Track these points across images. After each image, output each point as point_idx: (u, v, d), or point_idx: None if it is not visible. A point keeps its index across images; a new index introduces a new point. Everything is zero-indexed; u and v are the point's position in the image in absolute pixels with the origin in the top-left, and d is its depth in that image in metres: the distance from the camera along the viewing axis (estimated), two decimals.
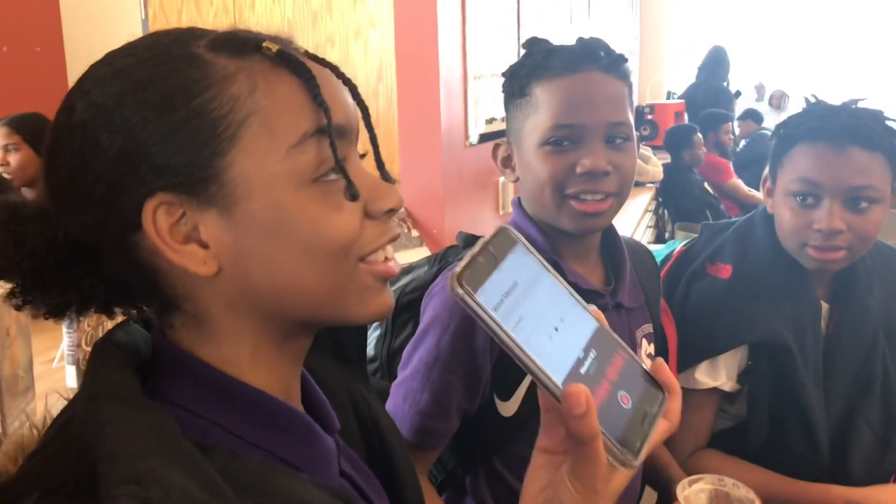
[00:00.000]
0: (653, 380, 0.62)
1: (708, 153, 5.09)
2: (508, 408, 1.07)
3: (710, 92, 6.60)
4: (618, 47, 1.13)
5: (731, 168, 5.33)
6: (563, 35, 4.38)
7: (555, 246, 1.10)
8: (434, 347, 1.04)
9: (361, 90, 0.65)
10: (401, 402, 1.06)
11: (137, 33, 0.62)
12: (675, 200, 4.86)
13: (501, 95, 1.15)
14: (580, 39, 1.10)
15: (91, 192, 0.56)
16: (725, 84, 6.88)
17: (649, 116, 6.18)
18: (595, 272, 1.14)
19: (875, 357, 1.30)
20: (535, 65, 1.07)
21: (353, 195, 0.59)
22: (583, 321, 0.60)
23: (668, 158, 5.02)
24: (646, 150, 5.00)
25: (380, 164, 0.65)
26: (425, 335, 1.06)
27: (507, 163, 1.14)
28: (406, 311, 1.16)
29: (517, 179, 1.12)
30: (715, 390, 1.30)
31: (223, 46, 0.58)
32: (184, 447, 0.52)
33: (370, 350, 1.19)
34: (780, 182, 1.29)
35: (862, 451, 1.28)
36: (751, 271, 1.31)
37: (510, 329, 0.54)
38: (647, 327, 1.17)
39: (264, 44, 0.58)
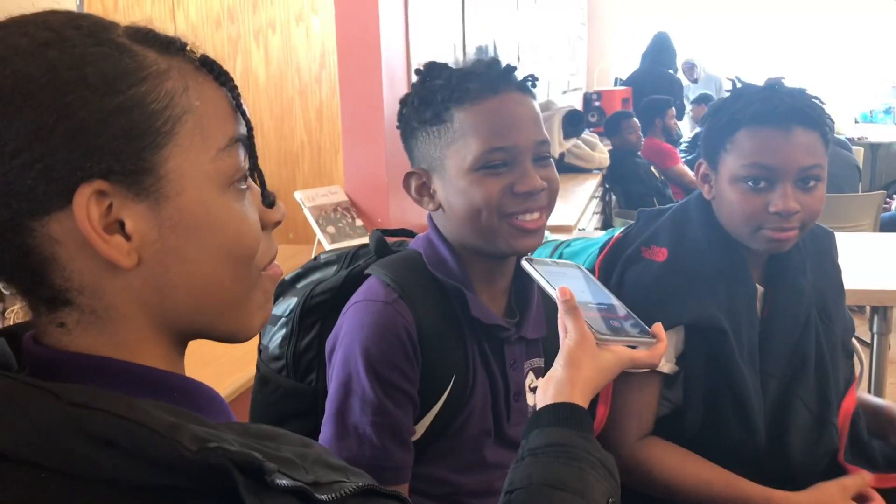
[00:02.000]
0: (647, 330, 0.96)
1: (654, 138, 5.14)
2: (416, 431, 1.08)
3: (660, 79, 6.67)
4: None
5: (677, 153, 5.39)
6: (509, 20, 4.38)
7: (467, 271, 1.09)
8: (368, 383, 1.02)
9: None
10: (356, 447, 1.03)
11: None
12: (624, 185, 4.90)
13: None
14: (492, 61, 1.09)
15: None
16: (672, 71, 6.96)
17: (597, 103, 6.22)
18: (501, 300, 1.15)
19: (808, 337, 1.32)
20: (451, 89, 1.05)
21: (270, 202, 0.63)
22: (601, 293, 1.03)
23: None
24: (592, 137, 5.03)
25: (261, 177, 0.66)
26: (353, 372, 1.03)
27: (422, 191, 1.11)
28: (313, 312, 1.14)
29: (438, 207, 1.10)
30: (654, 373, 1.31)
31: (147, 41, 0.58)
32: (195, 417, 0.53)
33: (275, 349, 1.18)
34: (725, 167, 1.29)
35: (799, 432, 1.30)
36: (686, 254, 1.32)
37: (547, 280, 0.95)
38: (538, 361, 1.17)
39: (188, 46, 0.60)
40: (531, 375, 1.17)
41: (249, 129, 0.62)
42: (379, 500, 0.61)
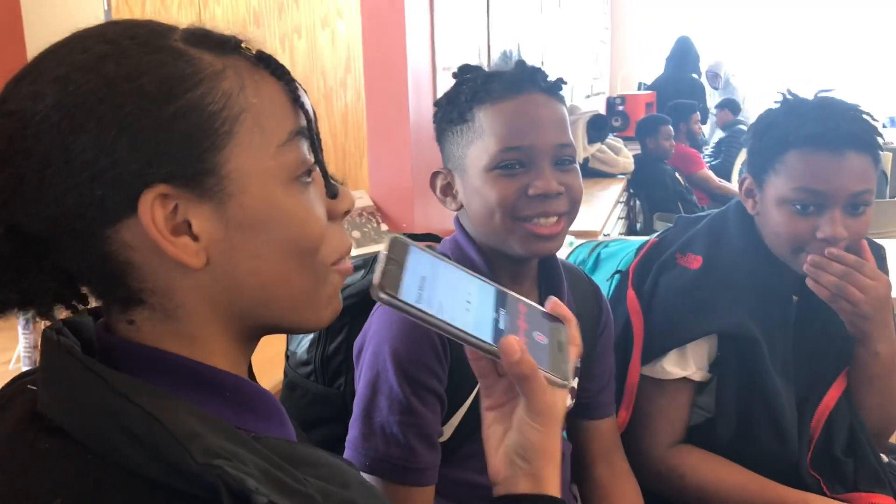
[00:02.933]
0: (553, 317, 0.74)
1: (678, 143, 5.11)
2: (444, 433, 1.07)
3: (683, 83, 6.64)
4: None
5: (701, 158, 5.35)
6: (533, 25, 4.37)
7: (495, 271, 1.09)
8: (396, 382, 1.01)
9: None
10: (382, 447, 1.01)
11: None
12: (647, 191, 4.87)
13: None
14: (519, 62, 1.09)
15: (68, 182, 0.54)
16: (696, 75, 6.92)
17: (620, 107, 6.19)
18: (530, 297, 1.12)
19: (840, 349, 1.30)
20: (475, 89, 1.06)
21: (333, 193, 0.63)
22: (484, 289, 0.71)
23: (639, 149, 5.03)
24: (616, 142, 5.00)
25: (323, 169, 0.66)
26: (381, 371, 1.02)
27: (447, 191, 1.12)
28: (341, 316, 1.11)
29: (460, 207, 1.10)
30: (686, 380, 1.29)
31: (202, 43, 0.59)
32: (225, 428, 0.53)
33: (301, 353, 1.18)
34: (773, 187, 1.26)
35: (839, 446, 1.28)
36: (721, 263, 1.30)
37: (436, 314, 0.63)
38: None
39: (243, 44, 0.60)
40: None
41: (309, 120, 0.62)
42: None
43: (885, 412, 1.34)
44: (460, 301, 0.66)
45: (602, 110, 6.04)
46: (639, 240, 1.49)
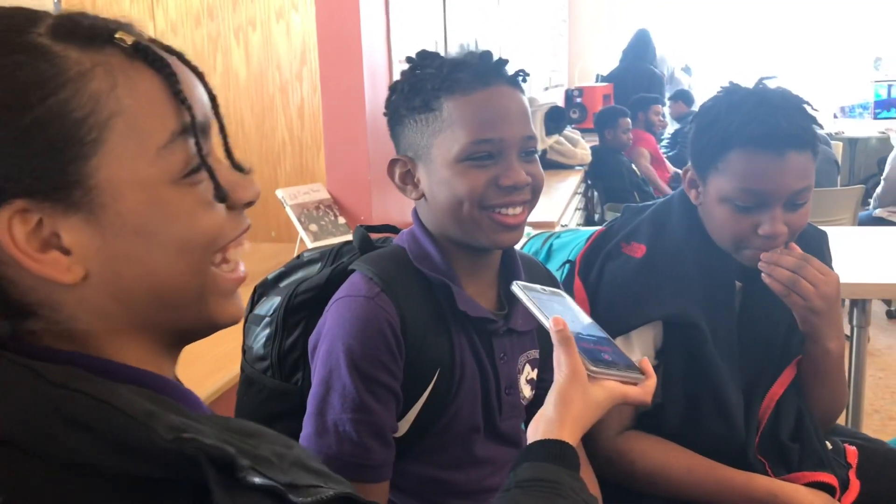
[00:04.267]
0: (633, 364, 0.92)
1: (637, 130, 5.18)
2: (400, 427, 1.07)
3: (641, 75, 6.69)
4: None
5: (653, 142, 5.44)
6: (491, 17, 4.38)
7: (451, 264, 1.09)
8: (349, 378, 1.01)
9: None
10: (335, 444, 1.02)
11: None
12: (604, 182, 4.91)
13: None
14: (485, 53, 1.08)
15: None
16: (653, 67, 6.98)
17: (578, 99, 6.24)
18: (489, 292, 1.14)
19: (794, 332, 1.32)
20: (442, 78, 1.05)
21: (221, 197, 0.58)
22: (590, 323, 1.00)
23: (596, 141, 5.07)
24: (574, 133, 5.04)
25: (229, 153, 0.63)
26: (334, 368, 1.03)
27: (406, 179, 1.11)
28: (298, 311, 1.13)
29: (421, 196, 1.10)
30: None
31: (70, 36, 0.53)
32: (173, 405, 0.52)
33: (258, 348, 1.17)
34: (715, 185, 1.27)
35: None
36: (664, 251, 1.32)
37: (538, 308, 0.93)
38: (533, 353, 1.18)
39: (117, 34, 0.54)
40: (527, 368, 1.16)
41: (193, 117, 0.57)
42: None
43: (832, 403, 1.38)
44: (567, 315, 0.94)
45: (560, 102, 6.08)
46: (590, 230, 1.51)
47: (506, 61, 1.09)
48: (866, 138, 6.67)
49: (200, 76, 0.60)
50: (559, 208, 3.56)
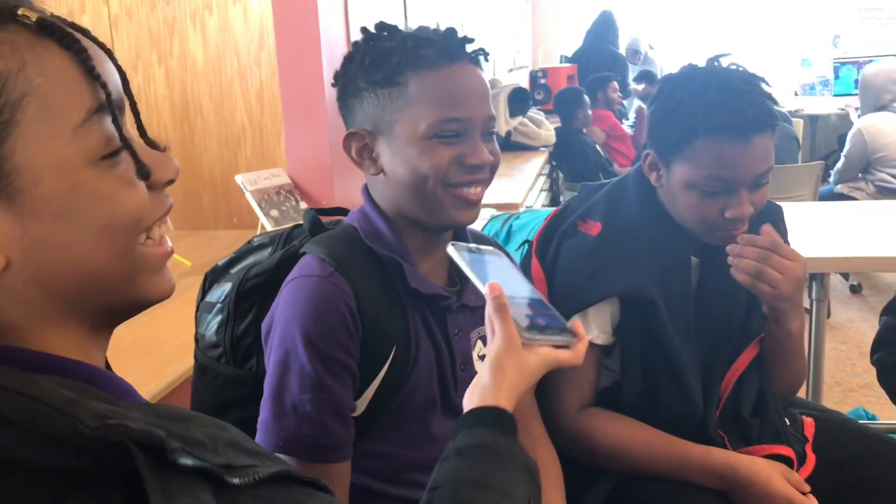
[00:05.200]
0: (566, 326, 0.93)
1: (597, 109, 5.21)
2: (358, 406, 1.06)
3: (604, 56, 6.71)
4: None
5: (614, 120, 5.48)
6: (449, 2, 4.34)
7: (404, 241, 1.09)
8: (307, 359, 1.00)
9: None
10: (294, 425, 1.00)
11: None
12: (569, 163, 4.93)
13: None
14: (449, 30, 1.07)
15: None
16: (615, 48, 7.01)
17: (542, 80, 6.24)
18: (441, 270, 1.15)
19: (754, 310, 1.34)
20: (406, 53, 1.03)
21: (145, 174, 0.57)
22: (524, 284, 0.99)
23: (559, 122, 5.08)
24: (538, 115, 5.04)
25: (143, 132, 0.61)
26: (290, 349, 1.01)
27: (364, 153, 1.09)
28: (249, 296, 1.12)
29: (380, 172, 1.08)
30: (591, 345, 1.31)
31: None
32: (97, 393, 0.51)
33: (210, 335, 1.15)
34: (680, 171, 1.27)
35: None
36: (619, 228, 1.33)
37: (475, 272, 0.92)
38: (485, 329, 1.17)
39: (20, 11, 0.52)
40: (479, 344, 1.16)
41: (108, 94, 0.55)
42: (295, 487, 0.58)
43: (792, 379, 1.40)
44: (502, 276, 0.95)
45: (525, 84, 6.07)
46: (548, 210, 1.50)
47: (469, 39, 1.08)
48: (826, 115, 6.75)
49: (109, 52, 0.58)
50: (524, 189, 3.56)
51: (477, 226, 1.85)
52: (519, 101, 4.73)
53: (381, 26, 1.08)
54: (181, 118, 2.87)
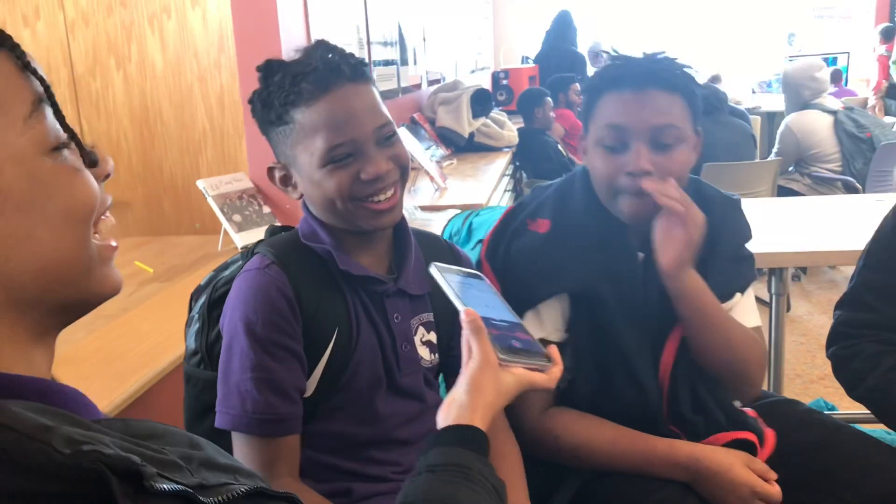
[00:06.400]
0: (542, 350, 0.97)
1: (559, 110, 5.24)
2: (308, 387, 1.14)
3: (564, 56, 6.77)
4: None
5: (572, 123, 5.53)
6: (414, 2, 4.35)
7: (343, 245, 1.16)
8: (247, 342, 1.09)
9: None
10: (238, 404, 1.09)
11: None
12: (532, 163, 4.96)
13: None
14: (322, 59, 1.11)
15: None
16: (574, 49, 7.07)
17: (504, 81, 6.27)
18: (382, 262, 1.22)
19: (668, 297, 1.33)
20: (286, 92, 1.10)
21: (93, 161, 0.59)
22: (503, 308, 1.04)
23: (522, 122, 5.11)
24: (500, 115, 5.06)
25: (74, 136, 0.61)
26: (233, 335, 1.11)
27: (286, 182, 1.18)
28: (219, 303, 1.21)
29: (301, 196, 1.18)
30: (545, 342, 1.31)
31: None
32: (67, 416, 0.51)
33: (191, 343, 1.24)
34: (591, 133, 1.32)
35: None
36: (567, 225, 1.34)
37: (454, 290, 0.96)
38: (426, 316, 1.24)
39: None
40: (421, 330, 1.23)
41: (47, 86, 0.57)
42: (268, 503, 0.58)
43: (726, 355, 1.33)
44: (482, 299, 1.00)
45: (487, 85, 6.10)
46: (506, 206, 1.52)
47: (343, 59, 1.12)
48: (782, 112, 6.87)
49: (32, 57, 0.60)
50: (487, 190, 3.57)
51: (439, 225, 1.86)
52: (481, 102, 4.75)
53: (267, 66, 1.15)
54: (141, 123, 2.83)
